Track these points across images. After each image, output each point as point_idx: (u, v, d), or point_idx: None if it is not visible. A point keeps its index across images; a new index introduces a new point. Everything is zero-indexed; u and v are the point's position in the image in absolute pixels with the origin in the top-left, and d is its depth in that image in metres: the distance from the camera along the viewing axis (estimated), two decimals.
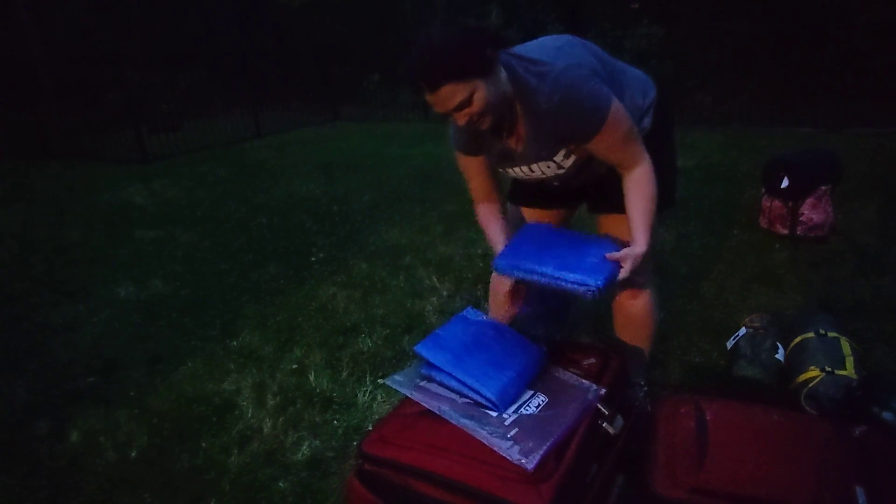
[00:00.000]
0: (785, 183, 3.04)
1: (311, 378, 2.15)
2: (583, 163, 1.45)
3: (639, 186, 1.38)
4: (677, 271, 2.83)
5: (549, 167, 1.43)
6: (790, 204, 3.06)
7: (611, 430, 1.41)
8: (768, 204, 3.18)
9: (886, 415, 1.58)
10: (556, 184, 1.55)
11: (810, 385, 1.76)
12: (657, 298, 1.68)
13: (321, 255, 3.40)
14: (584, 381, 1.50)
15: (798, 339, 1.96)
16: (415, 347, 1.50)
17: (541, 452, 1.20)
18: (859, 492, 1.20)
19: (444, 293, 2.73)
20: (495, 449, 1.22)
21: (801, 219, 3.05)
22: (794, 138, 5.59)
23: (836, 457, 1.30)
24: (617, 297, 1.69)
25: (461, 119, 1.27)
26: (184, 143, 7.28)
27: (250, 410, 1.98)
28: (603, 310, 2.40)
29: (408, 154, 6.25)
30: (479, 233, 1.83)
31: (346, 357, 2.27)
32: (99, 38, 11.53)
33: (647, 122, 1.48)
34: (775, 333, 2.04)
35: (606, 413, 1.41)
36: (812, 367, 1.81)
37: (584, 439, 1.31)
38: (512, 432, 1.28)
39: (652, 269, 1.64)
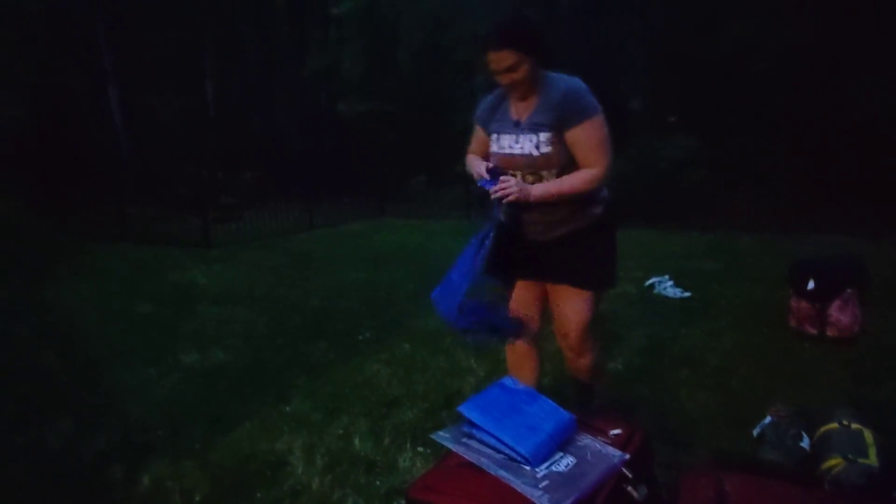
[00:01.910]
0: (811, 285, 3.19)
1: (357, 443, 2.32)
2: (553, 173, 1.81)
3: (582, 175, 1.78)
4: (707, 364, 2.94)
5: (530, 141, 1.79)
6: (817, 305, 3.18)
7: (635, 495, 1.53)
8: (796, 305, 3.30)
9: None
10: (523, 174, 1.85)
11: (833, 472, 1.83)
12: (601, 357, 2.16)
13: (367, 335, 3.65)
14: (610, 447, 1.64)
15: (823, 430, 2.05)
16: (458, 408, 1.70)
17: (569, 502, 1.35)
18: None
19: (481, 373, 2.91)
20: (528, 496, 1.38)
21: (829, 320, 3.15)
22: (828, 246, 5.70)
23: None
24: (567, 357, 2.08)
25: (505, 79, 1.74)
26: (243, 232, 7.92)
27: (300, 468, 2.15)
28: (630, 396, 2.55)
29: (450, 249, 6.56)
30: None
31: (388, 426, 2.45)
32: (180, 139, 12.91)
33: (598, 210, 1.91)
34: (800, 423, 2.13)
35: (630, 477, 1.54)
36: (835, 456, 1.88)
37: (608, 498, 1.44)
38: (543, 484, 1.43)
39: (593, 338, 2.03)
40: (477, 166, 1.94)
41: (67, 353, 3.44)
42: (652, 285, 4.43)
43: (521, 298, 2.10)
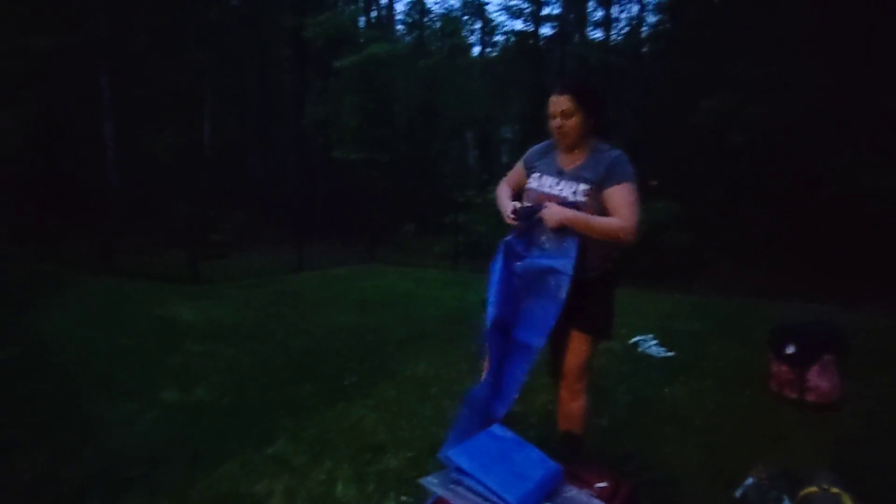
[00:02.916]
0: (789, 350, 3.27)
1: (340, 489, 2.29)
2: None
3: (612, 220, 1.99)
4: (691, 423, 2.97)
5: (570, 188, 2.04)
6: (797, 370, 3.25)
7: None
8: (776, 368, 3.37)
9: None
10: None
11: None
12: (591, 402, 2.24)
13: (354, 379, 3.63)
14: (596, 499, 1.66)
15: (803, 493, 2.07)
16: (448, 453, 1.71)
17: None
18: None
19: None
20: None
21: (808, 385, 3.22)
22: (808, 313, 5.83)
23: None
24: (561, 398, 2.22)
25: (556, 122, 2.01)
26: (231, 270, 7.90)
27: None
28: (615, 452, 2.56)
29: (437, 297, 6.65)
30: None
31: (372, 473, 2.42)
32: (173, 175, 13.02)
33: (610, 265, 2.13)
34: (782, 485, 2.15)
35: None
36: None
37: None
38: None
39: (587, 382, 2.21)
40: (505, 204, 2.18)
41: (47, 383, 3.37)
42: (636, 343, 4.49)
43: None
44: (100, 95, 13.11)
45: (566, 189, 2.05)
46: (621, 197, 1.98)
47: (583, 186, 2.02)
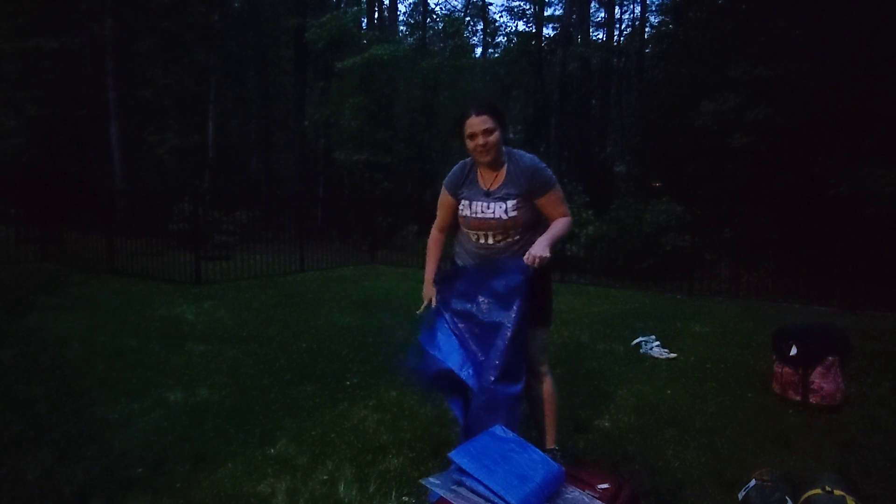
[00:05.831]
0: (793, 351, 3.26)
1: (341, 489, 2.29)
2: (518, 231, 2.23)
3: (560, 224, 2.21)
4: (693, 425, 2.97)
5: (500, 207, 2.20)
6: (800, 371, 3.24)
7: None
8: (779, 370, 3.37)
9: None
10: (490, 240, 2.25)
11: None
12: (555, 382, 2.42)
13: (355, 380, 3.64)
14: (598, 501, 1.66)
15: (806, 495, 2.07)
16: (449, 454, 1.71)
17: None
18: None
19: None
20: None
21: (812, 387, 3.21)
22: (810, 315, 5.83)
23: None
24: (529, 385, 2.29)
25: (479, 139, 2.13)
26: (233, 271, 7.92)
27: None
28: (617, 454, 2.56)
29: None
30: None
31: (374, 473, 2.42)
32: (177, 177, 13.07)
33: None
34: (785, 488, 2.15)
35: None
36: None
37: None
38: None
39: (547, 361, 2.40)
40: (426, 285, 2.45)
41: (50, 383, 3.38)
42: (639, 344, 4.49)
43: None
44: (105, 97, 13.16)
45: (497, 210, 2.20)
46: (555, 201, 2.22)
47: (511, 202, 2.19)
